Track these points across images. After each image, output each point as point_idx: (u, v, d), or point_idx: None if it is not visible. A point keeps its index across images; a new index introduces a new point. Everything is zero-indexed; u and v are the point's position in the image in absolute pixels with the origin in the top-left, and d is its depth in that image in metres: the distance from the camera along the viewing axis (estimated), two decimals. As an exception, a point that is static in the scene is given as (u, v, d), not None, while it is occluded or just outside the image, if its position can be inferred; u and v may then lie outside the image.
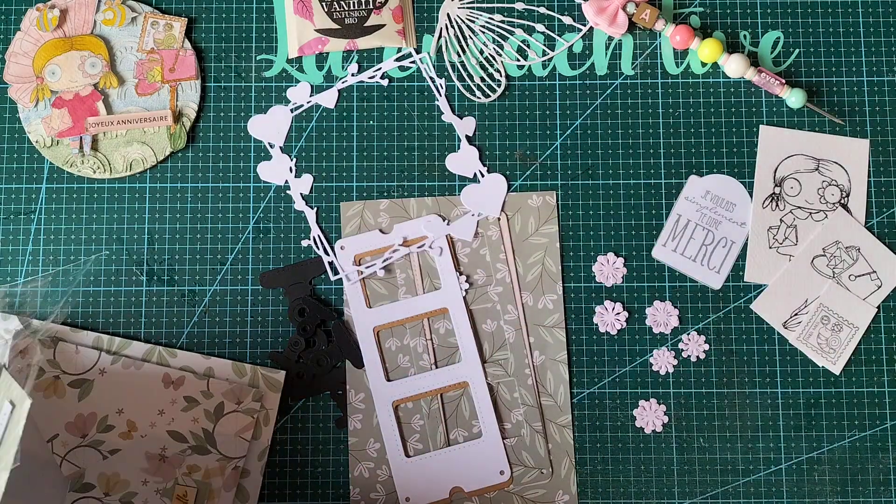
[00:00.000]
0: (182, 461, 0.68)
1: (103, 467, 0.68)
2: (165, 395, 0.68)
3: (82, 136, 0.71)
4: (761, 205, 0.72)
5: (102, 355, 0.69)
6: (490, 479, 0.69)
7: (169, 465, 0.68)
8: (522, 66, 0.74)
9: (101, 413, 0.68)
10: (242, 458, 0.68)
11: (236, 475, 0.68)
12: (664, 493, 0.70)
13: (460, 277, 0.71)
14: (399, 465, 0.69)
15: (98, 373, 0.68)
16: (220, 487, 0.67)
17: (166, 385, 0.68)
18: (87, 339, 0.70)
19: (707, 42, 0.71)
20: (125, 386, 0.68)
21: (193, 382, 0.68)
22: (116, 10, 0.72)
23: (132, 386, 0.68)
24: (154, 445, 0.68)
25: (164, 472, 0.68)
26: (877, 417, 0.70)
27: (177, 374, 0.69)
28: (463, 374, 0.70)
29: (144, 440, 0.68)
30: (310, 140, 0.73)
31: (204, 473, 0.68)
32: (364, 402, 0.70)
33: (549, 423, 0.70)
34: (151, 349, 0.70)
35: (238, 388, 0.68)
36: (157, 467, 0.68)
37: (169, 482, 0.67)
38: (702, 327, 0.71)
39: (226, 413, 0.68)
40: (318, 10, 0.73)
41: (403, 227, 0.71)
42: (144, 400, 0.68)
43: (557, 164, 0.73)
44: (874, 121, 0.73)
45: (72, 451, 0.68)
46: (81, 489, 0.67)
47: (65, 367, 0.68)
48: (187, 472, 0.68)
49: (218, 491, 0.67)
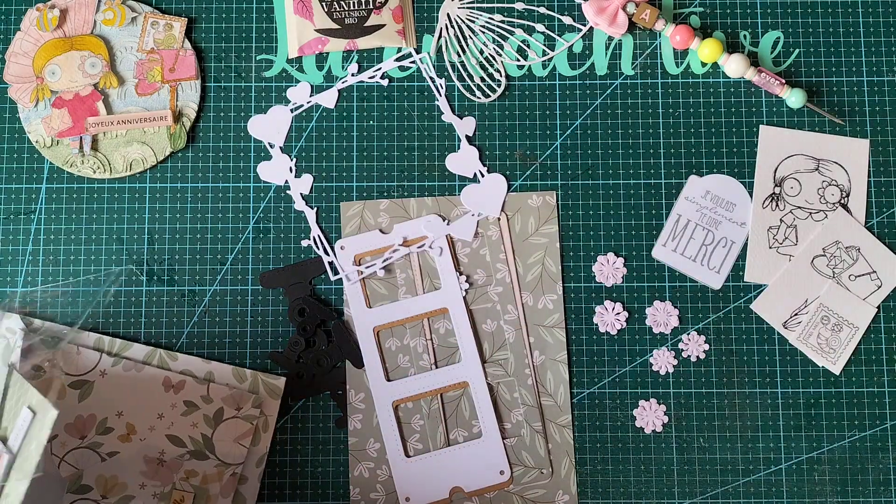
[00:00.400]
0: (180, 466, 0.68)
1: (101, 469, 0.68)
2: (165, 399, 0.68)
3: (82, 136, 0.71)
4: (761, 205, 0.72)
5: (103, 357, 0.69)
6: (490, 479, 0.69)
7: (167, 469, 0.68)
8: (522, 66, 0.74)
9: (100, 415, 0.68)
10: (240, 465, 0.68)
11: (234, 481, 0.68)
12: (664, 493, 0.70)
13: (460, 277, 0.71)
14: (399, 465, 0.69)
15: (99, 374, 0.68)
16: (217, 493, 0.67)
17: (166, 389, 0.68)
18: (88, 340, 0.70)
19: (707, 42, 0.71)
20: (125, 388, 0.68)
21: (194, 387, 0.68)
22: (116, 10, 0.72)
23: (132, 389, 0.68)
24: (153, 449, 0.68)
25: (161, 476, 0.68)
26: (877, 417, 0.70)
27: (177, 378, 0.69)
28: (463, 374, 0.70)
29: (143, 444, 0.68)
30: (310, 140, 0.73)
31: (202, 479, 0.67)
32: (364, 402, 0.70)
33: (549, 423, 0.70)
34: (152, 352, 0.70)
35: (238, 394, 0.68)
36: (155, 471, 0.68)
37: (167, 486, 0.67)
38: (702, 327, 0.71)
39: (225, 419, 0.68)
40: (318, 10, 0.73)
41: (403, 227, 0.71)
42: (144, 403, 0.68)
43: (557, 164, 0.73)
44: (874, 121, 0.73)
45: (70, 452, 0.68)
46: (79, 490, 0.67)
47: (66, 368, 0.68)
48: (185, 477, 0.67)
49: (215, 497, 0.67)
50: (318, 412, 0.70)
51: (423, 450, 0.70)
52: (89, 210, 0.72)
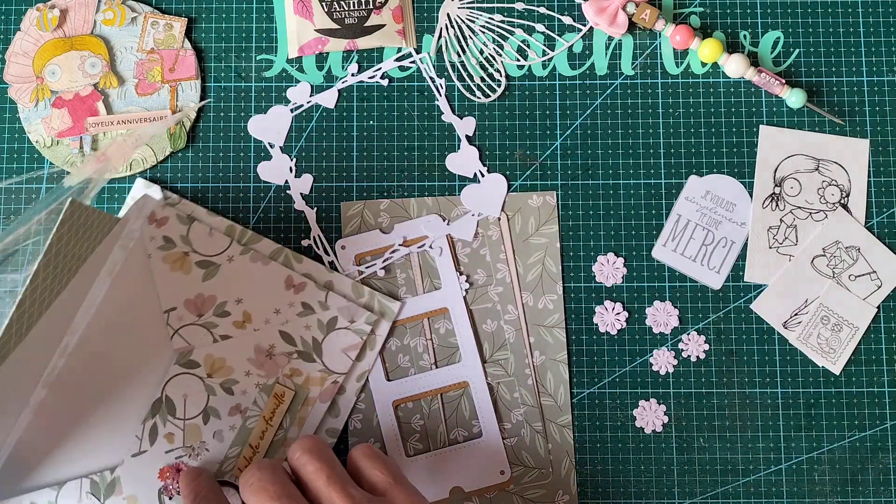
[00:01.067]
0: (287, 363, 0.68)
1: (211, 350, 0.68)
2: (285, 297, 0.69)
3: (82, 136, 0.72)
4: (761, 205, 0.72)
5: (233, 243, 0.70)
6: (490, 479, 0.69)
7: (274, 363, 0.68)
8: (522, 66, 0.74)
9: (220, 298, 0.69)
10: (343, 375, 0.69)
11: (334, 389, 0.69)
12: (664, 493, 0.70)
13: (460, 277, 0.71)
14: (399, 465, 0.69)
15: (226, 259, 0.69)
16: (316, 397, 0.68)
17: (287, 287, 0.69)
18: (220, 225, 0.70)
19: (707, 42, 0.71)
20: (249, 278, 0.69)
21: (314, 291, 0.69)
22: (116, 10, 0.72)
23: (256, 279, 0.69)
24: (264, 341, 0.68)
25: (268, 368, 0.68)
26: (877, 417, 0.71)
27: (299, 279, 0.69)
28: (463, 374, 0.70)
29: (256, 334, 0.68)
30: (310, 140, 0.73)
31: (305, 380, 0.68)
32: (364, 402, 0.70)
33: (549, 423, 0.70)
34: (279, 250, 0.70)
35: (354, 308, 0.69)
36: (262, 362, 0.68)
37: (271, 379, 0.68)
38: (702, 327, 0.71)
39: (337, 328, 0.69)
40: (318, 10, 0.73)
41: (403, 226, 0.71)
42: (265, 296, 0.69)
43: (557, 164, 0.73)
44: (874, 121, 0.73)
45: (185, 326, 0.69)
46: (186, 365, 0.68)
47: (196, 247, 0.69)
48: (289, 374, 0.68)
49: (314, 399, 0.68)
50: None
51: (423, 449, 0.70)
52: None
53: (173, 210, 0.70)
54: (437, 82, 0.73)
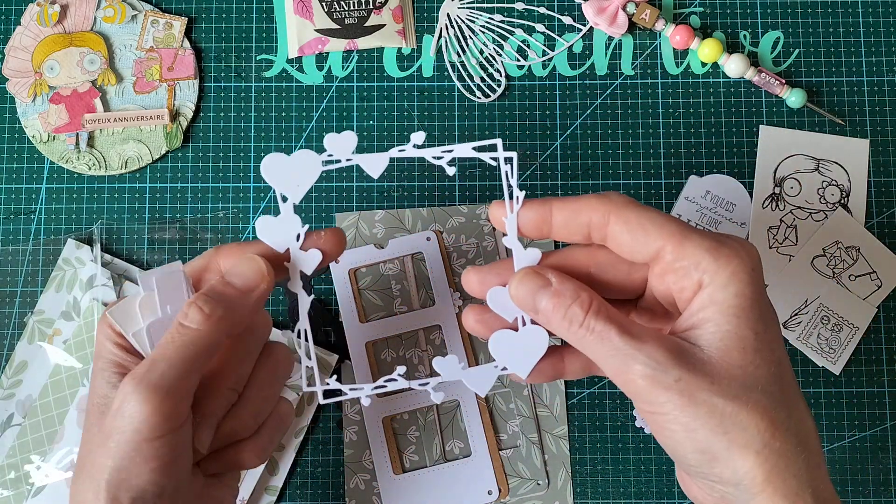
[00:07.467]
0: None
1: None
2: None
3: (78, 133, 0.71)
4: (761, 205, 0.72)
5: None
6: (478, 499, 0.68)
7: None
8: (522, 66, 0.74)
9: None
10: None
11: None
12: (664, 493, 0.70)
13: (454, 294, 0.70)
14: (387, 482, 0.69)
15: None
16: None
17: None
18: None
19: (707, 42, 0.71)
20: None
21: None
22: (117, 7, 0.72)
23: None
24: None
25: None
26: (877, 417, 0.70)
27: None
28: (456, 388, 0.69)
29: None
30: (310, 140, 0.73)
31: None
32: (359, 413, 0.69)
33: (545, 433, 0.70)
34: None
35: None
36: None
37: None
38: (702, 327, 0.71)
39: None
40: (318, 10, 0.73)
41: (396, 242, 0.70)
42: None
43: (557, 164, 0.73)
44: (874, 121, 0.73)
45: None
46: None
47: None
48: None
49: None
50: (318, 412, 0.70)
51: (418, 462, 0.69)
52: (89, 210, 0.72)
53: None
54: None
